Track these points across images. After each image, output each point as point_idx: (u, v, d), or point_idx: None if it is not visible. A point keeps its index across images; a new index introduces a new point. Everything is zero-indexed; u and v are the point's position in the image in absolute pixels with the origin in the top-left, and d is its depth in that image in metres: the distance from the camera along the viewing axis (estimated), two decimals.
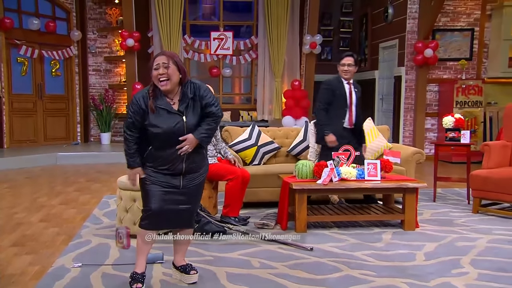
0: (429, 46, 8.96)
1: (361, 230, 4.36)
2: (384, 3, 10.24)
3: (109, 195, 5.76)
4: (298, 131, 5.76)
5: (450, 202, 5.57)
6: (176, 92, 2.90)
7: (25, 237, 4.17)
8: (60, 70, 10.33)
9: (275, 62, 10.20)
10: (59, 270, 3.32)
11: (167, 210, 2.95)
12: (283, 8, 10.00)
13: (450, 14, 9.41)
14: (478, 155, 6.36)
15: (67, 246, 3.85)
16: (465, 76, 9.33)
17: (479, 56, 9.48)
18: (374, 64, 10.95)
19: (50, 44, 9.98)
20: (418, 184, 4.42)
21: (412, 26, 9.33)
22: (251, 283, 3.08)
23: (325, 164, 4.31)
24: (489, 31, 9.43)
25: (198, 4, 12.00)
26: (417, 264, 3.48)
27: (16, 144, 9.51)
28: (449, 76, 9.47)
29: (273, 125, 8.94)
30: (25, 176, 7.30)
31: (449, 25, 9.43)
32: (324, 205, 4.81)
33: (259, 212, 4.87)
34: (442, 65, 9.46)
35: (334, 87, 4.88)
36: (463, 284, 3.10)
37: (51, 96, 10.18)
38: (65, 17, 10.36)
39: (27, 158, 8.43)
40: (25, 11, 9.64)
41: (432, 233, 4.26)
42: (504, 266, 3.43)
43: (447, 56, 9.44)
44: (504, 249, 3.82)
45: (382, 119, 10.39)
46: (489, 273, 3.29)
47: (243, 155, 5.35)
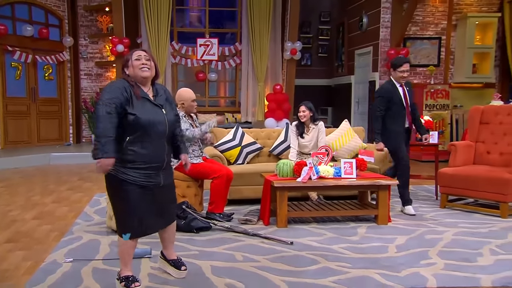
0: (400, 53, 9.05)
1: (338, 225, 4.38)
2: (359, 13, 10.33)
3: (100, 193, 5.69)
4: (279, 132, 5.76)
5: (420, 198, 5.62)
6: (149, 88, 2.86)
7: (19, 233, 4.10)
8: (53, 74, 10.19)
9: (258, 67, 10.21)
10: (51, 265, 3.27)
11: (154, 214, 2.83)
12: (265, 17, 10.02)
13: (419, 23, 9.53)
14: (446, 154, 6.43)
15: (59, 242, 3.80)
16: (433, 81, 9.45)
17: (446, 63, 9.61)
18: (350, 69, 11.03)
19: (43, 50, 9.83)
20: (390, 181, 4.45)
21: (385, 35, 9.42)
22: (235, 276, 3.07)
23: (304, 163, 4.33)
24: (454, 40, 9.58)
25: (185, 12, 11.97)
26: (389, 256, 3.51)
27: (11, 145, 9.35)
28: (419, 81, 9.58)
29: (256, 127, 8.95)
30: (19, 176, 7.18)
31: (418, 34, 9.55)
32: (304, 202, 4.82)
33: (242, 209, 4.86)
34: (412, 70, 9.53)
35: (390, 94, 4.84)
36: (430, 273, 3.14)
37: (44, 99, 10.03)
38: (57, 24, 10.22)
39: (22, 158, 8.29)
40: (19, 18, 9.50)
41: (403, 227, 4.30)
42: (468, 257, 3.48)
43: (417, 62, 9.55)
44: (468, 241, 3.87)
45: (358, 121, 10.46)
46: (454, 263, 3.33)
47: (227, 155, 5.34)
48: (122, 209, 2.75)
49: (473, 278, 3.07)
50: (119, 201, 2.75)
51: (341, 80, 11.54)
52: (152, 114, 2.74)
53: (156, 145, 2.77)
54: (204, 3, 11.13)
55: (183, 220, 4.00)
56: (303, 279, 3.03)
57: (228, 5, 11.70)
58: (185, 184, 4.46)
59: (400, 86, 4.88)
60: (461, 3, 9.54)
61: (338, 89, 11.76)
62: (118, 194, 2.73)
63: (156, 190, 2.81)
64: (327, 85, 12.30)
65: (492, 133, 5.24)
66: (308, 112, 5.12)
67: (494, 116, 5.36)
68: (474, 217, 4.67)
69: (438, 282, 3.00)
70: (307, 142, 5.18)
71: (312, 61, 12.36)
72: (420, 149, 6.45)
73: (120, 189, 2.70)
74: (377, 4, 9.50)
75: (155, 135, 2.75)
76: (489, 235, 4.05)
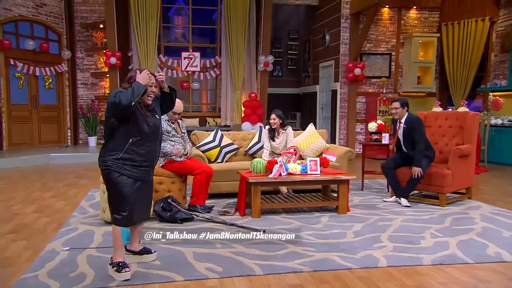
0: (357, 66, 9.20)
1: (304, 215, 4.41)
2: (322, 31, 10.44)
3: (95, 189, 5.57)
4: (254, 135, 5.77)
5: (374, 191, 5.70)
6: None
7: (21, 225, 4.00)
8: (53, 84, 9.93)
9: (235, 78, 10.18)
10: (50, 253, 3.21)
11: (143, 205, 2.88)
12: (241, 34, 10.00)
13: (373, 41, 9.69)
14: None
15: (57, 233, 3.72)
16: (385, 90, 9.63)
17: (395, 75, 9.80)
18: (315, 80, 11.12)
19: (44, 62, 9.60)
20: (349, 176, 4.50)
21: (345, 50, 9.54)
22: (214, 260, 3.06)
23: (275, 161, 4.35)
24: (402, 55, 9.77)
25: (171, 29, 11.85)
26: (348, 240, 3.55)
27: (14, 146, 9.08)
28: (373, 90, 9.73)
29: (234, 130, 8.93)
30: (21, 174, 6.97)
31: (372, 50, 9.71)
32: (275, 195, 4.85)
33: (221, 202, 4.84)
34: (368, 81, 9.71)
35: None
36: (381, 255, 3.20)
37: (44, 106, 9.77)
38: (56, 39, 9.98)
39: (24, 158, 8.04)
40: (22, 34, 9.27)
41: (360, 216, 4.35)
42: (413, 240, 3.56)
43: (372, 74, 9.70)
44: (413, 226, 3.96)
45: (322, 124, 10.55)
46: (401, 246, 3.41)
47: (208, 155, 5.32)
48: (117, 200, 2.75)
49: (417, 258, 3.15)
50: (115, 193, 2.74)
51: (307, 89, 11.63)
52: (152, 121, 2.82)
53: (152, 146, 2.83)
54: (187, 21, 11.06)
55: (168, 212, 3.96)
56: (274, 262, 3.05)
57: (209, 23, 11.65)
58: (170, 180, 4.41)
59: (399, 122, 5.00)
60: (407, 25, 9.74)
61: (305, 97, 11.85)
62: (115, 187, 2.73)
63: (145, 185, 2.85)
64: (295, 93, 12.38)
65: (432, 134, 5.35)
66: (278, 120, 5.16)
67: (435, 120, 5.49)
68: (418, 206, 4.77)
69: (387, 262, 3.06)
70: (277, 144, 5.22)
71: (282, 73, 12.42)
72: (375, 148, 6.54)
73: (117, 183, 2.71)
74: (337, 24, 9.61)
75: (153, 139, 2.83)
76: (430, 221, 4.15)
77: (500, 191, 5.76)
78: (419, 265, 3.02)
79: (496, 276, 2.87)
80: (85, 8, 10.26)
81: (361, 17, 9.33)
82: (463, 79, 9.04)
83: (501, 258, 3.16)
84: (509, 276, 2.87)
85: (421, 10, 9.73)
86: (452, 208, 4.69)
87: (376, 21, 9.56)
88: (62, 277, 2.77)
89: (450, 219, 4.22)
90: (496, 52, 9.09)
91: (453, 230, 3.85)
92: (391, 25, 9.69)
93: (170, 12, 11.92)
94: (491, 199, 5.21)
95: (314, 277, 2.82)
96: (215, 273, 2.85)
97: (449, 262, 3.07)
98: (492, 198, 5.25)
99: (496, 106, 8.87)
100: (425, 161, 4.77)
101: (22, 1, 9.21)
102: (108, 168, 2.71)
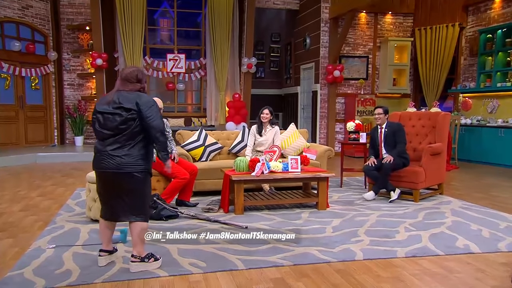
0: (337, 68, 9.27)
1: (286, 211, 4.42)
2: (303, 34, 10.48)
3: (81, 188, 5.48)
4: (237, 134, 5.75)
5: (352, 188, 5.75)
6: None
7: (7, 224, 3.90)
8: (39, 84, 9.69)
9: (219, 79, 10.14)
10: (36, 251, 3.14)
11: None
12: (225, 36, 9.96)
13: (351, 44, 9.79)
14: None
15: (43, 231, 3.64)
16: (363, 91, 9.74)
17: (372, 77, 9.92)
18: (296, 81, 11.16)
19: (30, 63, 9.36)
20: (328, 174, 4.53)
21: (324, 53, 9.61)
22: (198, 256, 3.05)
23: (257, 159, 4.35)
24: (379, 58, 9.90)
25: (157, 31, 11.72)
26: (327, 235, 3.58)
27: (1, 146, 8.81)
28: (351, 91, 9.83)
29: (218, 129, 8.89)
30: (8, 173, 6.79)
31: (351, 53, 9.80)
32: (258, 192, 4.84)
33: (205, 199, 4.82)
34: (346, 83, 9.80)
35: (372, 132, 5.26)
36: (359, 248, 3.23)
37: (31, 106, 9.53)
38: (43, 40, 9.74)
39: (11, 158, 7.84)
40: (8, 35, 9.01)
41: (339, 211, 4.39)
42: (388, 234, 3.61)
43: (350, 76, 9.79)
44: (388, 221, 4.02)
45: (303, 124, 10.60)
46: (377, 239, 3.45)
47: (193, 153, 5.28)
48: (148, 198, 2.86)
49: (391, 250, 3.20)
50: (149, 192, 2.85)
51: (289, 90, 11.66)
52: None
53: None
54: (173, 24, 10.95)
55: (154, 209, 3.92)
56: (256, 257, 3.05)
57: (193, 26, 11.55)
58: (155, 179, 4.36)
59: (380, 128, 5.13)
60: (383, 29, 9.88)
61: (287, 98, 11.88)
62: (149, 187, 2.85)
63: None
64: (278, 94, 12.40)
65: (407, 134, 5.38)
66: (270, 115, 5.20)
67: (409, 120, 5.58)
68: (394, 202, 4.82)
69: (364, 255, 3.10)
70: (263, 140, 5.20)
71: (265, 74, 12.41)
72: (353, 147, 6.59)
73: (149, 181, 2.83)
74: (317, 28, 9.67)
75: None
76: (404, 216, 4.22)
77: (469, 187, 5.90)
78: (394, 258, 3.07)
79: (464, 267, 2.93)
80: (71, 10, 10.05)
81: (340, 22, 9.41)
82: (435, 81, 9.22)
83: (469, 250, 3.24)
84: (476, 266, 2.94)
85: (396, 15, 9.88)
86: (425, 204, 4.78)
87: (354, 26, 9.66)
88: (48, 274, 2.72)
89: (423, 214, 4.30)
90: (465, 56, 9.30)
91: (425, 224, 3.92)
92: (368, 29, 9.80)
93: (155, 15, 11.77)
94: (461, 194, 5.34)
95: (294, 270, 2.84)
96: (199, 269, 2.83)
97: (421, 255, 3.13)
98: (462, 194, 5.37)
99: (465, 106, 9.08)
100: (399, 159, 4.86)
101: (8, 2, 8.97)
102: (147, 170, 2.76)
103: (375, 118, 5.16)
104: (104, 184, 2.77)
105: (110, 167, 2.65)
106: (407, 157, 4.93)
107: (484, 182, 6.25)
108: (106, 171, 2.69)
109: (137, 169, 2.68)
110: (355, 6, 8.63)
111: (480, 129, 8.23)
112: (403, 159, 4.90)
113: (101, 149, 2.70)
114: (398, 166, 4.86)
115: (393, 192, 4.85)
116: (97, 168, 2.74)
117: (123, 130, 2.66)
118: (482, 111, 8.63)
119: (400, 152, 4.90)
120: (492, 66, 8.36)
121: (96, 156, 2.74)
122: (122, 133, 2.66)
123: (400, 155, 4.88)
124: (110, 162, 2.65)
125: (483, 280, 2.71)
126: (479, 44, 8.59)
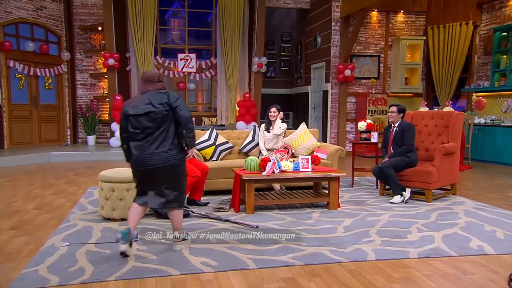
0: (348, 68, 9.22)
1: (296, 211, 4.41)
2: (314, 34, 10.45)
3: (93, 186, 5.55)
4: (248, 133, 5.76)
5: (363, 187, 5.72)
6: None
7: (22, 222, 3.96)
8: (52, 84, 9.84)
9: (230, 78, 10.16)
10: (50, 248, 3.18)
11: None
12: (236, 36, 9.98)
13: (362, 43, 9.72)
14: None
15: (57, 229, 3.69)
16: (374, 91, 9.67)
17: (384, 76, 9.84)
18: (307, 80, 11.13)
19: (44, 63, 9.53)
20: (339, 174, 4.52)
21: (335, 52, 9.56)
22: (209, 255, 3.06)
23: (268, 159, 4.35)
24: (390, 57, 9.82)
25: (168, 31, 11.79)
26: (338, 235, 3.56)
27: (15, 145, 9.01)
28: (363, 91, 9.77)
29: (229, 129, 8.91)
30: (22, 172, 6.91)
31: (362, 52, 9.74)
32: (268, 192, 4.84)
33: (216, 198, 4.84)
34: (357, 82, 9.75)
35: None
36: (370, 249, 3.21)
37: (44, 106, 9.69)
38: (56, 41, 9.89)
39: (24, 157, 7.97)
40: (23, 36, 9.18)
41: (350, 211, 4.37)
42: (400, 234, 3.58)
43: (361, 75, 9.74)
44: (400, 221, 3.99)
45: (314, 123, 10.57)
46: (389, 240, 3.42)
47: (204, 153, 5.31)
48: (185, 178, 3.17)
49: (403, 251, 3.17)
50: (186, 177, 3.18)
51: (300, 89, 11.64)
52: None
53: None
54: (184, 24, 11.01)
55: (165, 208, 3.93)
56: (266, 256, 3.05)
57: (204, 26, 11.60)
58: None
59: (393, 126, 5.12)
60: (395, 28, 9.79)
61: (297, 97, 11.86)
62: (184, 172, 3.14)
63: None
64: (288, 93, 12.39)
65: (419, 133, 5.38)
66: (278, 113, 5.30)
67: (421, 119, 5.52)
68: (407, 202, 4.77)
69: (376, 256, 3.08)
70: (270, 136, 5.26)
71: (275, 74, 12.40)
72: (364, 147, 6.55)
73: (185, 162, 3.13)
74: (328, 27, 9.63)
75: None
76: (416, 216, 4.18)
77: (482, 187, 5.81)
78: (406, 258, 3.04)
79: (478, 268, 2.89)
80: (84, 11, 10.18)
81: (351, 21, 9.36)
82: (448, 80, 9.10)
83: (483, 251, 3.20)
84: (490, 268, 2.90)
85: (408, 14, 9.78)
86: (438, 204, 4.72)
87: (365, 24, 9.59)
88: (62, 271, 2.76)
89: (436, 214, 4.25)
90: (479, 55, 9.16)
91: (438, 224, 3.88)
92: (379, 28, 9.72)
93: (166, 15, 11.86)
94: (474, 195, 5.26)
95: (305, 270, 2.83)
96: (210, 267, 2.85)
97: (434, 255, 3.09)
98: (475, 194, 5.30)
99: (479, 106, 8.95)
100: (399, 159, 4.85)
101: (22, 4, 9.13)
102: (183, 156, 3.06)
103: (388, 115, 5.14)
104: (148, 178, 3.01)
105: (157, 163, 2.95)
106: (410, 157, 4.88)
107: (498, 183, 6.15)
108: (151, 168, 2.96)
109: (177, 158, 3.02)
110: (367, 4, 8.56)
111: (494, 128, 8.10)
112: (406, 158, 4.86)
113: (142, 149, 2.96)
114: (400, 166, 4.82)
115: (405, 192, 4.81)
116: (142, 166, 2.99)
117: (160, 126, 2.95)
118: (496, 111, 8.50)
119: (402, 152, 4.87)
120: (506, 65, 8.22)
121: (138, 156, 2.97)
122: (159, 129, 2.95)
123: (401, 155, 4.85)
124: (156, 158, 2.94)
125: (497, 282, 2.67)
126: (493, 42, 8.45)
